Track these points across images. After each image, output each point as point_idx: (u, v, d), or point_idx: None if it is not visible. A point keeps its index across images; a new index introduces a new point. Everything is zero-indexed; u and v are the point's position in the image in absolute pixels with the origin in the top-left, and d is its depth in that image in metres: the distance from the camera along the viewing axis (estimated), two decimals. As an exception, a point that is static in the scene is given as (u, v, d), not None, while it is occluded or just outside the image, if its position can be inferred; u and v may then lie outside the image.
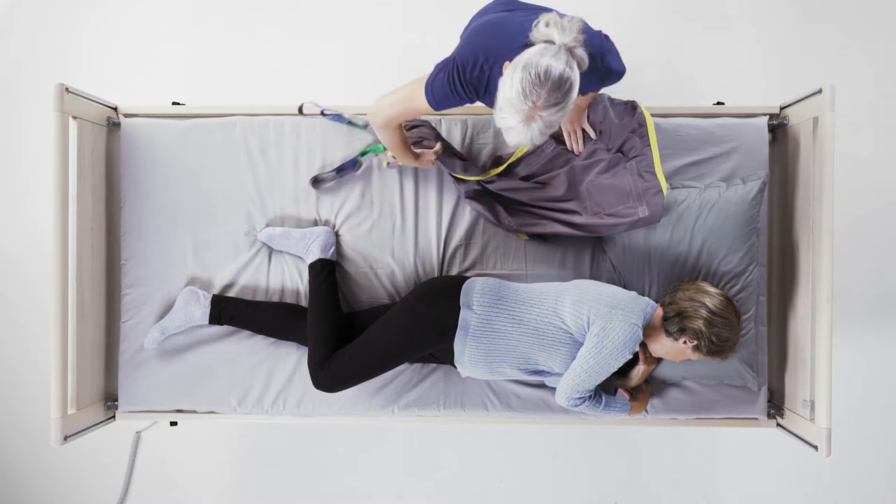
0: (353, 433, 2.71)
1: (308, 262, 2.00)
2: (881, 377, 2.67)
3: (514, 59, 1.34)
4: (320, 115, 2.05)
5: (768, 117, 2.07)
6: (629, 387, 1.98)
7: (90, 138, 2.03)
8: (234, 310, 2.02)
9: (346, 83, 2.67)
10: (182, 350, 2.08)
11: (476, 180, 1.99)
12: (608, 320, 1.70)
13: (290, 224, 2.08)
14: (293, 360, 2.07)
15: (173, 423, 2.16)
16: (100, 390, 2.12)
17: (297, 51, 2.72)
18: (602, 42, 1.52)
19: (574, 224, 1.95)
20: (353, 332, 1.96)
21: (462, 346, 1.81)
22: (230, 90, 2.73)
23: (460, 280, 1.88)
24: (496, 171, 1.99)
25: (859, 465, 2.68)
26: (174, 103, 2.17)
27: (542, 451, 2.71)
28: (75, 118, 1.94)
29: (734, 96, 2.56)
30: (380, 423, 2.43)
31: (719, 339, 1.73)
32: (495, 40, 1.46)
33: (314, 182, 2.06)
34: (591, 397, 1.81)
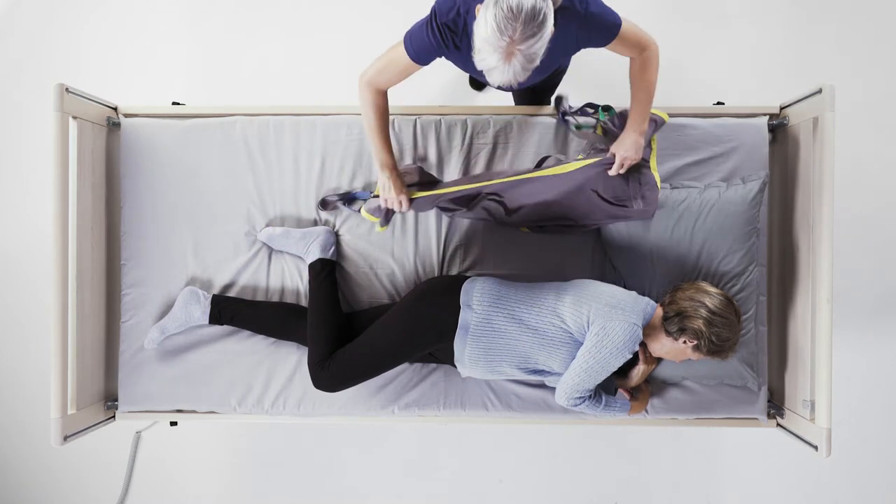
0: (353, 433, 2.71)
1: (308, 261, 2.01)
2: (881, 377, 2.67)
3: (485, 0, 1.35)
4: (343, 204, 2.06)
5: (768, 117, 2.07)
6: (629, 387, 1.98)
7: (90, 138, 2.03)
8: (234, 310, 2.02)
9: (346, 83, 2.67)
10: (182, 350, 2.08)
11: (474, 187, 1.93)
12: (608, 320, 1.70)
13: (290, 224, 2.08)
14: (293, 360, 2.07)
15: (173, 423, 2.16)
16: (100, 390, 2.12)
17: (297, 51, 2.72)
18: None
19: (572, 217, 1.96)
20: (353, 332, 1.96)
21: (462, 346, 1.81)
22: (230, 90, 2.73)
23: (460, 280, 1.88)
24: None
25: (859, 465, 2.69)
26: (174, 103, 2.17)
27: (542, 451, 2.71)
28: (75, 118, 1.94)
29: (734, 96, 2.56)
30: (380, 423, 2.43)
31: (719, 339, 1.73)
32: None
33: (322, 204, 2.06)
34: (590, 397, 1.81)
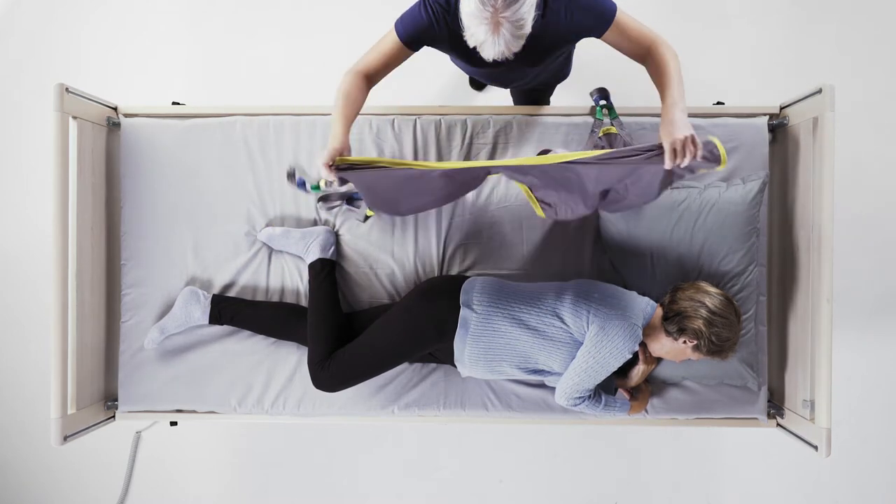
0: (353, 433, 2.71)
1: (308, 261, 2.01)
2: (881, 377, 2.67)
3: None
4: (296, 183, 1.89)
5: (768, 117, 2.07)
6: (629, 386, 1.98)
7: (90, 138, 2.03)
8: (234, 310, 2.02)
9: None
10: (182, 350, 2.08)
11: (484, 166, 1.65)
12: (608, 320, 1.70)
13: (290, 224, 2.08)
14: (293, 360, 2.07)
15: (173, 423, 2.15)
16: (100, 390, 2.12)
17: (297, 51, 2.72)
18: None
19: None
20: (353, 332, 1.96)
21: (462, 346, 1.81)
22: (230, 90, 2.73)
23: (460, 279, 1.88)
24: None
25: (859, 465, 2.69)
26: (174, 103, 2.17)
27: (542, 451, 2.71)
28: (75, 118, 1.94)
29: (734, 96, 2.56)
30: (380, 423, 2.43)
31: (719, 339, 1.73)
32: None
33: (324, 198, 2.03)
34: (590, 397, 1.81)
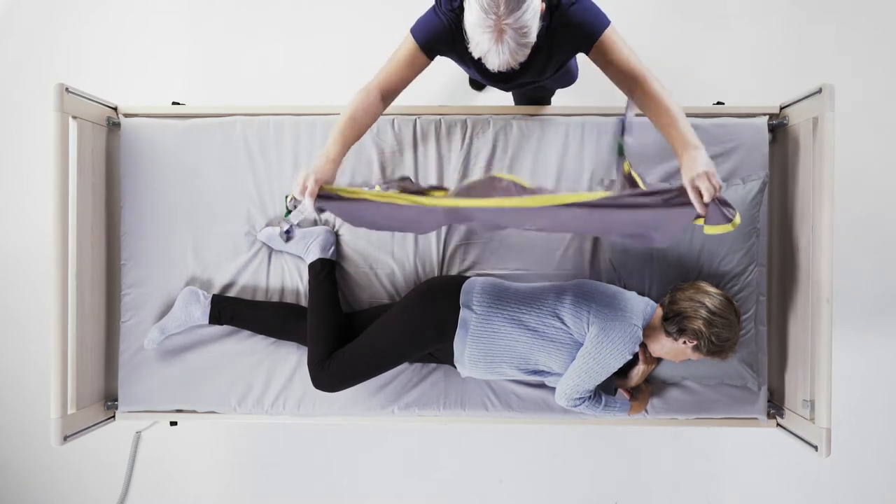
0: (353, 433, 2.71)
1: (308, 261, 2.01)
2: (881, 377, 2.67)
3: None
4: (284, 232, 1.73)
5: (768, 117, 2.07)
6: (629, 387, 1.98)
7: (90, 138, 2.03)
8: (233, 310, 2.02)
9: (346, 83, 2.67)
10: (182, 350, 2.08)
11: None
12: (608, 321, 1.70)
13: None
14: (293, 360, 2.07)
15: (173, 423, 2.16)
16: (100, 390, 2.12)
17: (297, 51, 2.72)
18: None
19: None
20: (353, 332, 1.96)
21: (462, 346, 1.81)
22: (230, 90, 2.73)
23: (460, 280, 1.88)
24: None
25: (859, 465, 2.68)
26: (174, 103, 2.17)
27: (542, 451, 2.71)
28: (75, 118, 1.94)
29: (734, 96, 2.56)
30: (380, 423, 2.43)
31: (719, 340, 1.73)
32: None
33: (287, 237, 1.71)
34: (590, 398, 1.81)
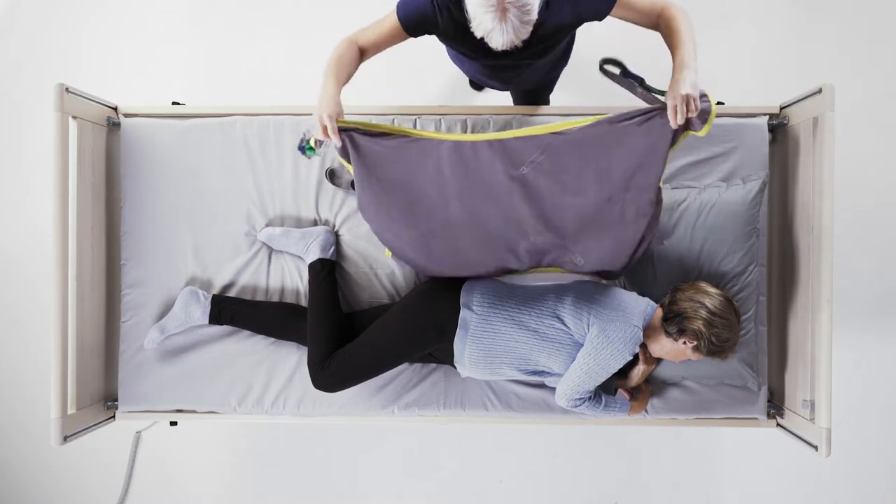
0: (353, 433, 2.71)
1: (308, 261, 2.01)
2: (881, 377, 2.67)
3: None
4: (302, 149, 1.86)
5: (768, 117, 2.07)
6: (629, 387, 1.98)
7: (90, 138, 2.03)
8: (234, 310, 2.02)
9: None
10: (182, 350, 2.08)
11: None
12: (608, 322, 1.70)
13: (290, 224, 2.08)
14: (293, 360, 2.07)
15: (173, 423, 2.15)
16: (100, 390, 2.12)
17: (297, 51, 2.72)
18: None
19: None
20: (353, 332, 1.96)
21: (462, 347, 1.81)
22: (230, 90, 2.73)
23: (460, 280, 1.88)
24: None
25: (859, 465, 2.69)
26: (174, 103, 2.17)
27: (542, 451, 2.71)
28: (75, 118, 1.94)
29: (734, 96, 2.56)
30: (380, 423, 2.43)
31: (719, 340, 1.73)
32: None
33: (330, 175, 2.02)
34: (590, 398, 1.81)
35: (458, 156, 1.62)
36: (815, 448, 1.88)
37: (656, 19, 1.58)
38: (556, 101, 2.44)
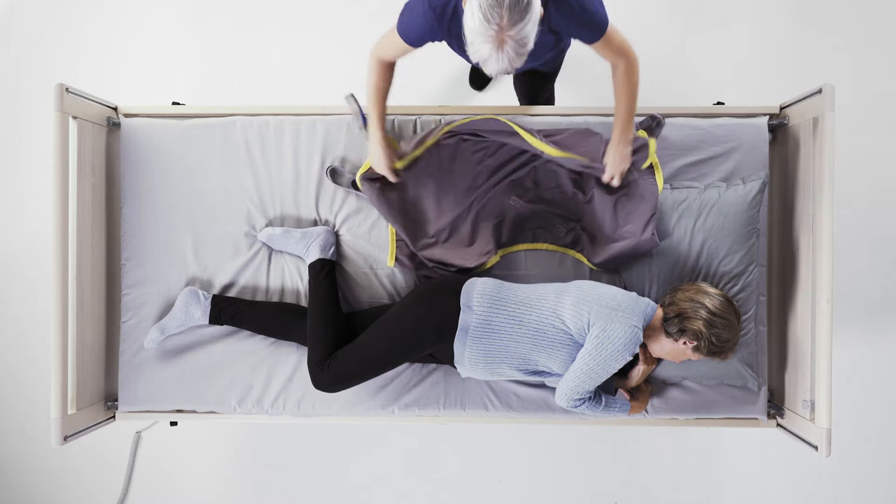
0: (353, 433, 2.71)
1: (308, 261, 2.01)
2: (881, 377, 2.67)
3: None
4: (355, 113, 2.04)
5: (768, 117, 2.07)
6: (629, 387, 1.98)
7: (90, 138, 2.03)
8: (234, 310, 2.02)
9: (345, 82, 2.67)
10: (182, 350, 2.08)
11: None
12: (608, 322, 1.70)
13: (290, 224, 2.08)
14: (293, 360, 2.07)
15: (173, 423, 2.16)
16: (100, 390, 2.12)
17: (297, 50, 2.72)
18: None
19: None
20: (353, 332, 1.96)
21: (462, 347, 1.81)
22: (230, 90, 2.73)
23: (460, 280, 1.88)
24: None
25: (859, 465, 2.69)
26: (174, 103, 2.17)
27: (542, 451, 2.71)
28: (75, 118, 1.94)
29: (734, 96, 2.56)
30: (380, 423, 2.43)
31: (719, 340, 1.73)
32: None
33: (332, 174, 2.05)
34: (590, 398, 1.81)
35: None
36: (815, 448, 1.88)
37: (620, 61, 1.72)
38: (557, 101, 2.44)
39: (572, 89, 2.64)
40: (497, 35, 1.33)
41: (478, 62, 1.42)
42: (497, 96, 2.68)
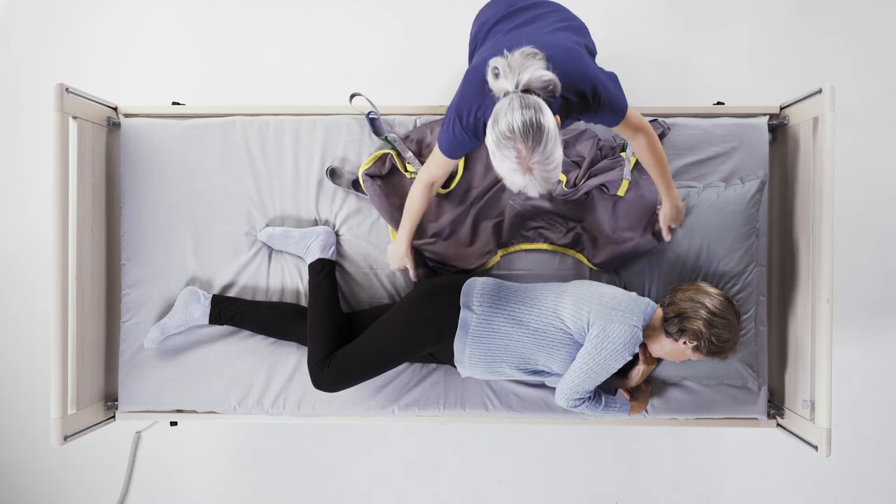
0: (353, 433, 2.71)
1: (308, 261, 2.01)
2: (881, 377, 2.67)
3: (490, 117, 1.36)
4: (365, 115, 2.04)
5: (768, 117, 2.07)
6: (629, 387, 1.98)
7: (90, 138, 2.03)
8: (234, 310, 2.02)
9: (346, 82, 2.66)
10: (182, 350, 2.08)
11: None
12: (608, 321, 1.70)
13: (290, 224, 2.08)
14: (293, 360, 2.07)
15: (173, 423, 2.16)
16: (100, 390, 2.12)
17: (297, 50, 2.72)
18: (588, 73, 1.50)
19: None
20: (353, 332, 1.96)
21: (462, 347, 1.81)
22: (230, 90, 2.73)
23: (460, 280, 1.88)
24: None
25: (859, 465, 2.68)
26: (174, 103, 2.17)
27: (542, 451, 2.71)
28: (75, 118, 1.94)
29: (734, 96, 2.55)
30: (380, 423, 2.43)
31: (719, 340, 1.73)
32: (476, 88, 1.48)
33: (331, 174, 2.06)
34: (590, 398, 1.81)
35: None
36: (815, 448, 1.88)
37: (637, 136, 1.71)
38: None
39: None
40: (521, 165, 1.33)
41: (518, 191, 1.43)
42: (497, 96, 2.68)
